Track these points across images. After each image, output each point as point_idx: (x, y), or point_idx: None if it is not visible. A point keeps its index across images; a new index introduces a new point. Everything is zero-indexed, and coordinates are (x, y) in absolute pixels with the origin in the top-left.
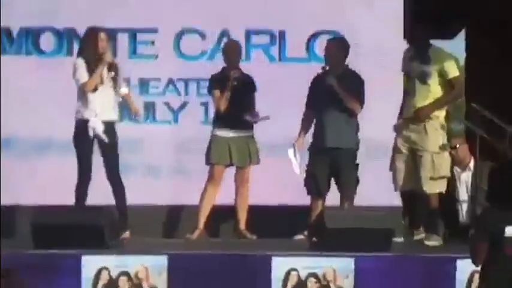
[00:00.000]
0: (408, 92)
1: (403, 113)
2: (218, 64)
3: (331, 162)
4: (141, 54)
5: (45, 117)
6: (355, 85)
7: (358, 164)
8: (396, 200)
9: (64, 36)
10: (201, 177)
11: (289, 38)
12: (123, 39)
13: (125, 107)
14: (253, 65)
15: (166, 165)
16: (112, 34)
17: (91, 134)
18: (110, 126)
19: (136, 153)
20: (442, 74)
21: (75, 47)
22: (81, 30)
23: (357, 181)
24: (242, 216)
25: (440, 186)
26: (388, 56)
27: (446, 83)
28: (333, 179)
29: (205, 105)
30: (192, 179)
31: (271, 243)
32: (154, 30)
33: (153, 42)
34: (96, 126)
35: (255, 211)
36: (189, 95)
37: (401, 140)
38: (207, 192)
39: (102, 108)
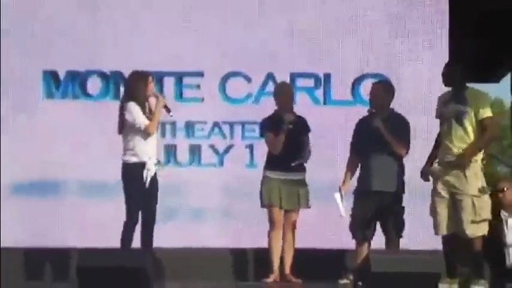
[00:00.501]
0: (444, 135)
1: (438, 157)
2: (263, 107)
3: (377, 206)
4: (187, 97)
5: (92, 160)
6: (400, 128)
7: (404, 207)
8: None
9: (110, 80)
10: (246, 220)
11: (334, 81)
12: (169, 83)
13: (171, 152)
14: (299, 108)
15: (211, 208)
16: (158, 77)
17: (145, 176)
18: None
19: (182, 197)
20: (476, 115)
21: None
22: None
23: (403, 224)
24: (288, 260)
25: (483, 230)
26: (431, 99)
27: (479, 124)
28: (378, 222)
29: (250, 148)
30: (237, 221)
31: (316, 287)
32: (200, 74)
33: (198, 86)
34: (151, 169)
35: (301, 254)
36: (234, 138)
37: (440, 184)
38: (270, 234)
39: (153, 151)
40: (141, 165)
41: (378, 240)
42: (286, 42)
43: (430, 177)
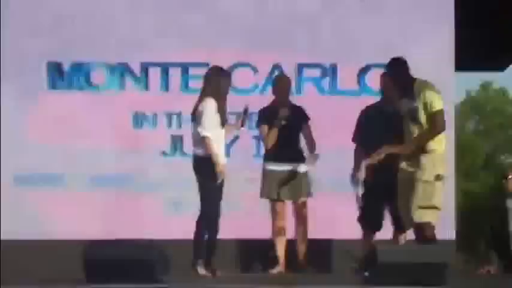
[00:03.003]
0: (405, 132)
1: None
2: (270, 98)
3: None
4: (193, 88)
5: (99, 152)
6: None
7: None
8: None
9: (116, 71)
10: (253, 212)
11: (340, 71)
12: (175, 73)
13: (177, 142)
14: (305, 98)
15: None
16: (164, 68)
17: (220, 172)
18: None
19: (188, 188)
20: (425, 108)
21: (127, 82)
22: (134, 65)
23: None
24: (301, 249)
25: (430, 216)
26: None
27: (429, 118)
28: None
29: (257, 138)
30: (245, 213)
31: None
32: (205, 65)
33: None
34: (221, 162)
35: (309, 244)
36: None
37: (401, 174)
38: (273, 227)
39: (221, 145)
40: (214, 163)
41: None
42: (292, 32)
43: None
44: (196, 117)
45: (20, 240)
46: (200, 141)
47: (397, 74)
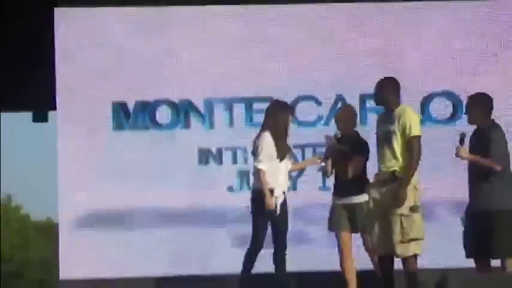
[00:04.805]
0: (378, 155)
1: (375, 177)
2: (334, 129)
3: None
4: (257, 122)
5: (164, 190)
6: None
7: None
8: None
9: (180, 109)
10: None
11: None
12: (239, 109)
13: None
14: (371, 129)
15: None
16: (228, 104)
17: (275, 204)
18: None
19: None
20: (403, 134)
21: (192, 119)
22: (197, 102)
23: None
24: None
25: (413, 250)
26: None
27: (406, 143)
28: None
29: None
30: (313, 246)
31: None
32: (268, 99)
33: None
34: (279, 197)
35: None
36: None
37: (373, 203)
38: (341, 259)
39: (283, 179)
40: (271, 193)
41: None
42: (355, 63)
43: None
44: (253, 151)
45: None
46: (255, 174)
47: (381, 97)
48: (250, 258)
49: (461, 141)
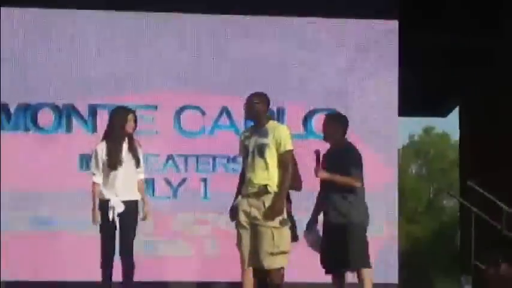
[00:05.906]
0: (247, 168)
1: (242, 190)
2: (218, 139)
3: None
4: (142, 130)
5: (44, 193)
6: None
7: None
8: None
9: (63, 112)
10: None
11: (288, 114)
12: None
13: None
14: None
15: (165, 241)
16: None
17: (111, 214)
18: (131, 206)
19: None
20: (277, 148)
21: (74, 123)
22: (81, 107)
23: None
24: None
25: (280, 262)
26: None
27: (279, 157)
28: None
29: (204, 181)
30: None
31: None
32: (154, 107)
33: (153, 119)
34: (117, 207)
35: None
36: (189, 171)
37: (243, 216)
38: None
39: (123, 188)
40: (106, 203)
41: None
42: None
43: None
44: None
45: None
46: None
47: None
48: (106, 265)
49: (318, 160)
